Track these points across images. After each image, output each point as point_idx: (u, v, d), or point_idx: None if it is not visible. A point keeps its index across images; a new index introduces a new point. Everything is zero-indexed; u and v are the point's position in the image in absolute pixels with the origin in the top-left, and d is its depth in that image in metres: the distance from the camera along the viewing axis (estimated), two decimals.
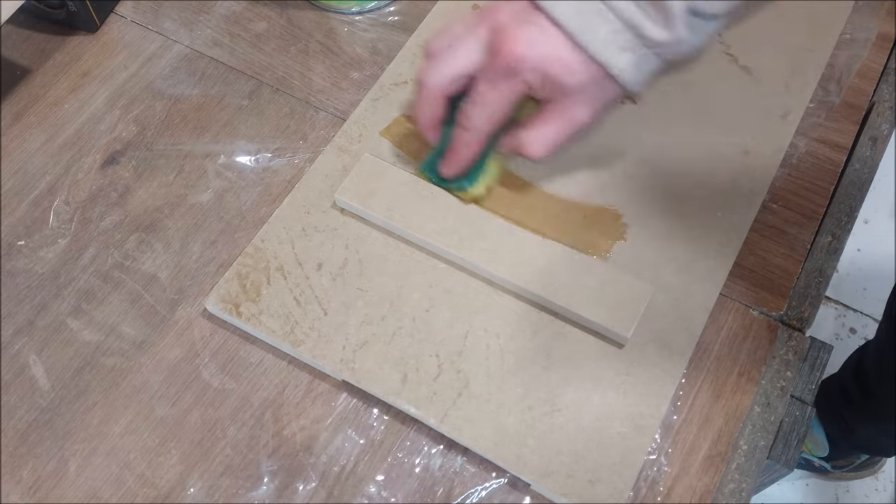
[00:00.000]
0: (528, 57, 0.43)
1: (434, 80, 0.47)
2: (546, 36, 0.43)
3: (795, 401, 0.50)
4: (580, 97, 0.45)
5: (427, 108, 0.49)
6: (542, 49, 0.43)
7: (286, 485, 0.46)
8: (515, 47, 0.43)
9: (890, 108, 0.59)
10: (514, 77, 0.44)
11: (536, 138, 0.47)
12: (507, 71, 0.44)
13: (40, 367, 0.49)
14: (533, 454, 0.45)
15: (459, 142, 0.48)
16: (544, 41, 0.43)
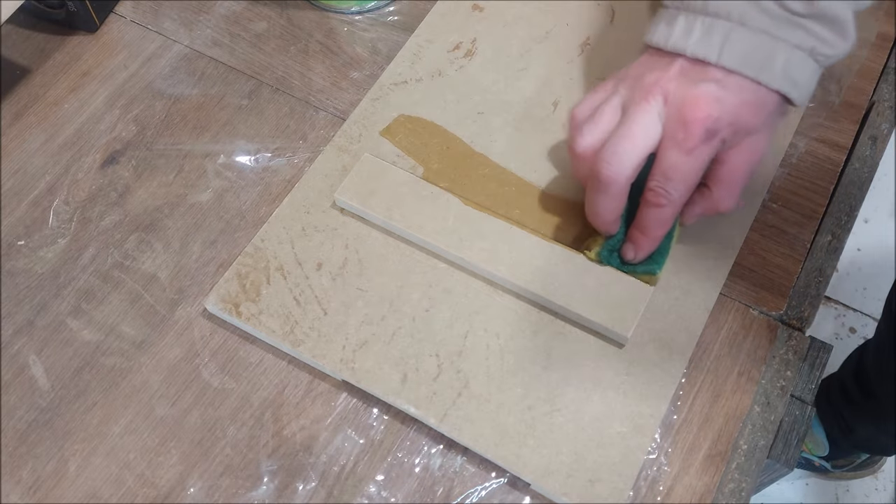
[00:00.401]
0: (722, 115, 0.43)
1: (617, 171, 0.45)
2: (727, 89, 0.43)
3: (795, 400, 0.50)
4: (764, 130, 0.46)
5: (613, 202, 0.47)
6: (730, 102, 0.43)
7: (286, 485, 0.46)
8: (707, 110, 0.43)
9: (890, 108, 0.59)
10: (712, 139, 0.44)
11: (729, 192, 0.47)
12: (704, 136, 0.43)
13: (40, 366, 0.49)
14: (533, 454, 0.45)
15: (654, 221, 0.47)
16: (728, 94, 0.43)
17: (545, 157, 0.55)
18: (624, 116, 0.46)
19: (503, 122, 0.56)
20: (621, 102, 0.47)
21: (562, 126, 0.56)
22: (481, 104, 0.57)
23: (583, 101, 0.49)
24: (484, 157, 0.55)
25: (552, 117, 0.57)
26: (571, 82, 0.58)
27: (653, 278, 0.49)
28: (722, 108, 0.43)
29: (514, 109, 0.57)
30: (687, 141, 0.44)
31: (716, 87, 0.43)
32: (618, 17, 0.61)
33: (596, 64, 0.59)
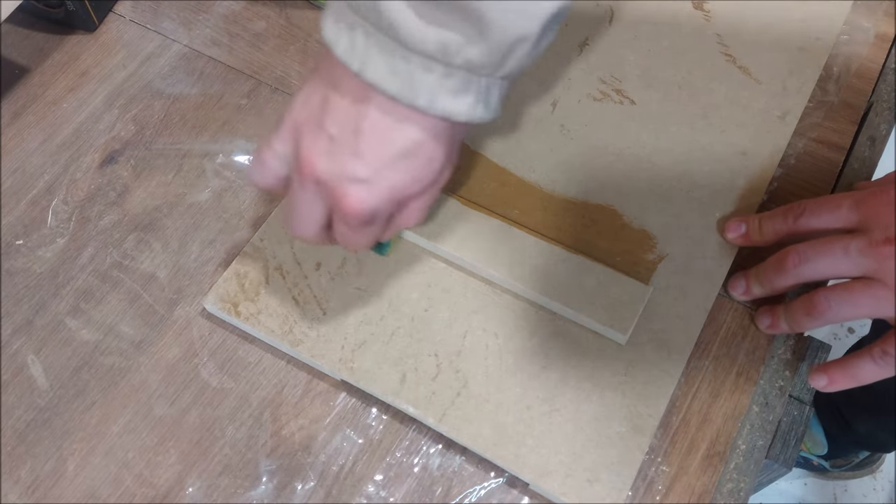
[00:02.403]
0: (378, 204, 0.39)
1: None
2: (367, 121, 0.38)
3: (794, 400, 0.50)
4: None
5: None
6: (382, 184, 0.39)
7: (285, 484, 0.46)
8: (315, 165, 0.39)
9: (888, 108, 0.59)
10: (373, 223, 0.41)
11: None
12: (364, 224, 0.41)
13: (39, 366, 0.49)
14: (531, 453, 0.45)
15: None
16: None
17: (544, 157, 0.55)
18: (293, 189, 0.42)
19: (502, 122, 0.56)
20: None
21: (560, 126, 0.56)
22: None
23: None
24: (483, 157, 0.55)
25: (551, 117, 0.57)
26: (570, 82, 0.58)
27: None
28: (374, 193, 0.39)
29: (513, 109, 0.57)
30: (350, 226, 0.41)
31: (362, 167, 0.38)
32: (617, 17, 0.61)
33: (595, 64, 0.59)
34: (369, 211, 0.39)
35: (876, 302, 0.43)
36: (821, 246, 0.45)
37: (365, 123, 0.38)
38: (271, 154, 0.41)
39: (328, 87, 0.39)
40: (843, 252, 0.44)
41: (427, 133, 0.38)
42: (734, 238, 0.51)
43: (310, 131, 0.39)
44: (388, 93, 0.36)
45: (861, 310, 0.44)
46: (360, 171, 0.38)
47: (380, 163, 0.38)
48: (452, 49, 0.35)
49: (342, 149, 0.38)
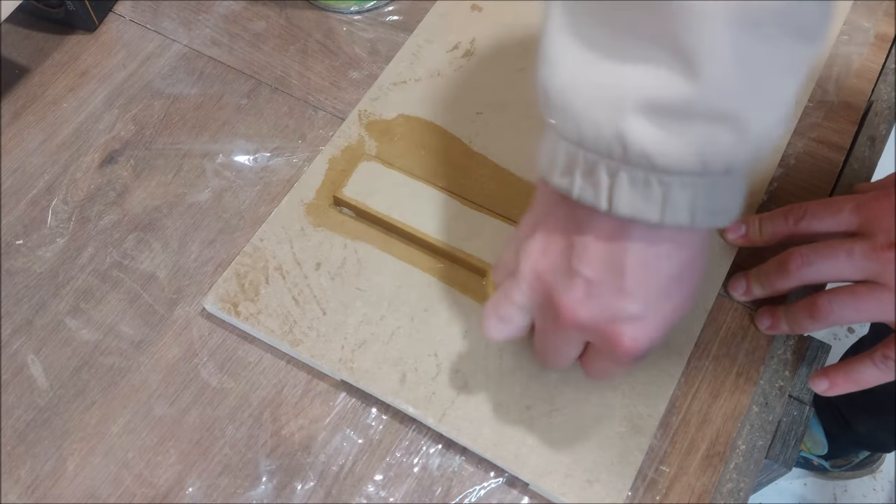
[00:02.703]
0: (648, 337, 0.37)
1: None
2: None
3: (794, 400, 0.50)
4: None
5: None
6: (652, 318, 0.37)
7: (284, 484, 0.46)
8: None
9: (888, 108, 0.59)
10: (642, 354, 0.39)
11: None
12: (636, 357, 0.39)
13: (38, 366, 0.49)
14: (531, 454, 0.45)
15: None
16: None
17: None
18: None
19: (502, 122, 0.56)
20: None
21: None
22: (480, 104, 0.57)
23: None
24: (483, 157, 0.55)
25: None
26: None
27: None
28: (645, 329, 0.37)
29: (513, 109, 0.57)
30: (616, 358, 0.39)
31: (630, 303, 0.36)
32: None
33: None
34: (647, 347, 0.37)
35: (879, 306, 0.43)
36: (824, 249, 0.45)
37: (626, 257, 0.35)
38: (514, 309, 0.39)
39: (569, 229, 0.36)
40: (846, 256, 0.44)
41: (693, 250, 0.36)
42: (734, 239, 0.51)
43: (562, 279, 0.37)
44: (648, 222, 0.34)
45: (864, 313, 0.44)
46: (632, 308, 0.36)
47: (651, 296, 0.36)
48: (714, 158, 0.32)
49: (605, 290, 0.36)
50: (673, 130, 0.32)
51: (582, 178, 0.34)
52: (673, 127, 0.32)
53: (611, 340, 0.37)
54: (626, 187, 0.33)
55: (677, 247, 0.36)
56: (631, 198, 0.33)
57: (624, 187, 0.33)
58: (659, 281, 0.36)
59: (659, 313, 0.37)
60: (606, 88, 0.32)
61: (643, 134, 0.32)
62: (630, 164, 0.33)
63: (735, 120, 0.31)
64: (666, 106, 0.31)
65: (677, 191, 0.33)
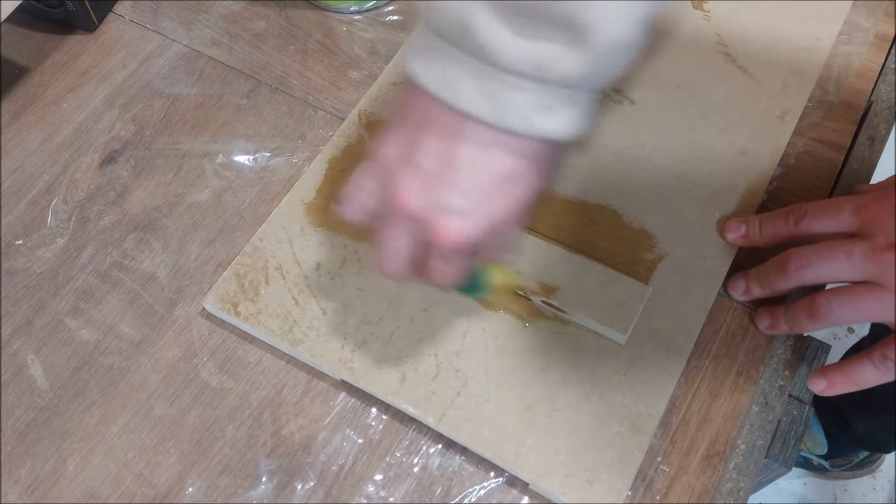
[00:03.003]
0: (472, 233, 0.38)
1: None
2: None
3: (794, 400, 0.50)
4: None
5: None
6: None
7: (284, 484, 0.46)
8: (408, 199, 0.38)
9: (888, 108, 0.59)
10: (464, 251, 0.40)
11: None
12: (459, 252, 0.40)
13: (38, 366, 0.49)
14: (531, 453, 0.45)
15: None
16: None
17: None
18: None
19: None
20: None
21: None
22: None
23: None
24: None
25: None
26: None
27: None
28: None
29: None
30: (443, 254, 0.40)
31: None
32: None
33: None
34: (466, 241, 0.38)
35: (878, 306, 0.43)
36: (823, 250, 0.45)
37: (459, 154, 0.37)
38: (360, 190, 0.41)
39: (417, 123, 0.38)
40: (845, 257, 0.44)
41: (524, 158, 0.37)
42: (734, 239, 0.51)
43: (401, 168, 0.38)
44: (480, 118, 0.35)
45: (863, 314, 0.44)
46: (457, 201, 0.37)
47: (477, 192, 0.37)
48: (548, 64, 0.34)
49: (437, 183, 0.37)
50: (514, 28, 0.33)
51: (432, 66, 0.36)
52: (515, 24, 0.33)
53: (434, 231, 0.38)
54: (467, 80, 0.35)
55: (510, 152, 0.37)
56: (470, 92, 0.35)
57: (466, 79, 0.35)
58: (487, 180, 0.37)
59: (482, 211, 0.38)
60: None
61: (487, 27, 0.33)
62: (475, 57, 0.34)
63: (574, 28, 0.33)
64: (509, 2, 0.33)
65: (514, 93, 0.35)
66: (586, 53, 0.34)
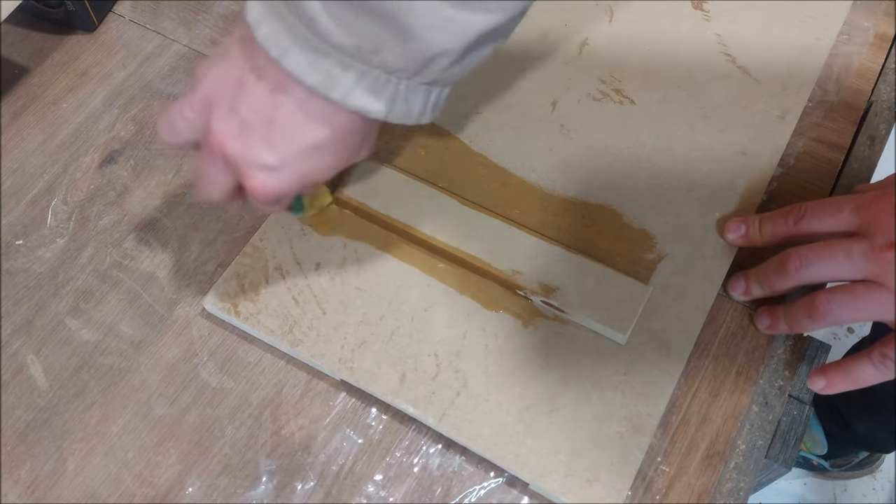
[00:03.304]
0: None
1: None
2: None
3: (794, 400, 0.50)
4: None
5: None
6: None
7: (284, 484, 0.46)
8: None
9: (888, 108, 0.59)
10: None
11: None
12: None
13: (38, 366, 0.49)
14: (531, 453, 0.45)
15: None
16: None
17: (544, 157, 0.55)
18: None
19: (502, 122, 0.56)
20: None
21: (560, 126, 0.56)
22: (480, 104, 0.57)
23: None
24: (483, 157, 0.55)
25: (550, 117, 0.57)
26: (570, 82, 0.58)
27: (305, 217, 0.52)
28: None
29: (513, 109, 0.57)
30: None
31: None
32: (616, 17, 0.61)
33: (594, 64, 0.59)
34: (274, 196, 0.40)
35: (878, 305, 0.43)
36: (823, 249, 0.45)
37: (279, 114, 0.38)
38: (181, 118, 0.41)
39: (246, 67, 0.39)
40: (845, 256, 0.44)
41: (340, 130, 0.39)
42: (734, 239, 0.51)
43: (222, 110, 0.39)
44: (304, 84, 0.37)
45: (863, 313, 0.44)
46: (269, 159, 0.39)
47: (289, 154, 0.39)
48: (367, 50, 0.35)
49: (253, 135, 0.39)
50: (337, 14, 0.35)
51: (269, 23, 0.37)
52: (338, 13, 0.35)
53: (245, 181, 0.40)
54: (296, 46, 0.36)
55: (327, 123, 0.38)
56: (299, 57, 0.36)
57: (295, 45, 0.36)
58: (301, 144, 0.39)
59: (292, 171, 0.40)
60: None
61: (313, 6, 0.35)
62: (303, 24, 0.35)
63: (399, 29, 0.34)
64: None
65: (336, 68, 0.36)
66: (404, 53, 0.35)
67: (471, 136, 0.56)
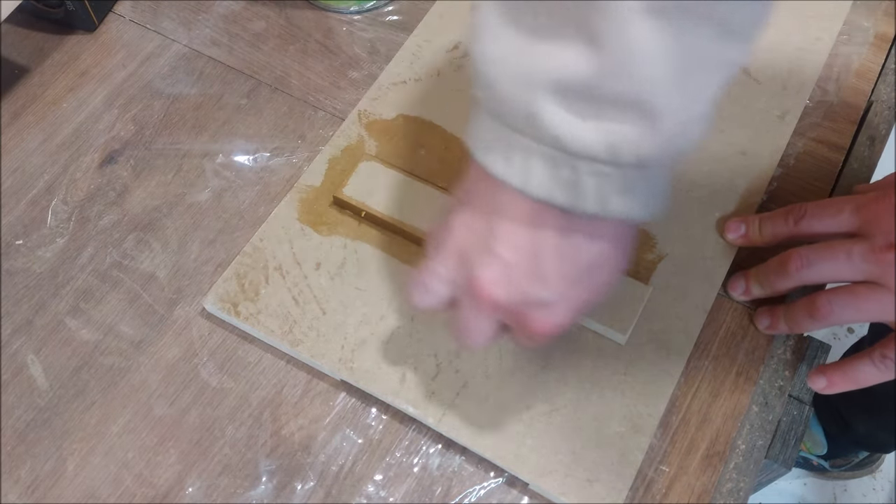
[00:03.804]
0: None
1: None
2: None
3: (793, 400, 0.50)
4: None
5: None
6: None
7: (284, 484, 0.46)
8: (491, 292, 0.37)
9: (888, 108, 0.59)
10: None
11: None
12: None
13: (38, 366, 0.49)
14: (531, 453, 0.45)
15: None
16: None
17: None
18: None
19: None
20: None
21: None
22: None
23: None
24: None
25: None
26: None
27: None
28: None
29: None
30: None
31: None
32: None
33: None
34: (557, 330, 0.38)
35: (879, 306, 0.43)
36: (824, 250, 0.45)
37: (540, 243, 0.36)
38: (435, 279, 0.40)
39: (491, 209, 0.37)
40: (846, 257, 0.44)
41: (608, 242, 0.37)
42: (734, 239, 0.51)
43: (480, 258, 0.37)
44: (555, 204, 0.34)
45: (864, 314, 0.44)
46: (544, 295, 0.37)
47: (564, 284, 0.37)
48: (620, 146, 0.32)
49: (521, 275, 0.36)
50: (581, 113, 0.32)
51: (501, 155, 0.35)
52: (581, 110, 0.32)
53: (524, 323, 0.38)
54: (539, 168, 0.33)
55: (589, 237, 0.36)
56: (543, 179, 0.34)
57: (537, 168, 0.34)
58: (572, 270, 0.36)
59: (570, 301, 0.37)
60: (524, 66, 0.32)
61: (553, 114, 0.32)
62: (543, 143, 0.33)
63: (642, 109, 0.31)
64: (573, 86, 0.31)
65: (586, 177, 0.33)
66: (658, 133, 0.32)
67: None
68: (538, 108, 0.32)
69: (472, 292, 0.38)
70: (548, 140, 0.33)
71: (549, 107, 0.32)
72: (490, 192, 0.36)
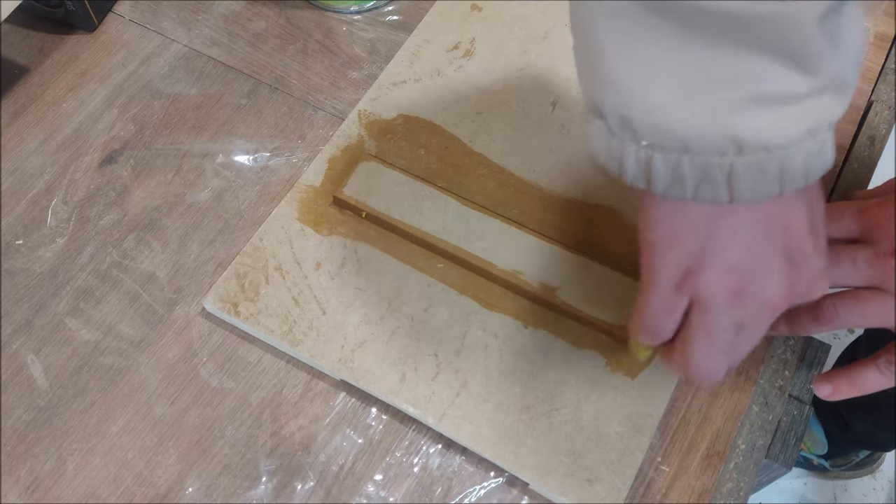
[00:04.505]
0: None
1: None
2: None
3: (794, 400, 0.50)
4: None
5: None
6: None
7: (284, 484, 0.46)
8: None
9: (888, 108, 0.59)
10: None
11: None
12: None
13: (38, 366, 0.49)
14: (531, 453, 0.45)
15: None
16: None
17: (544, 157, 0.55)
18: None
19: (502, 122, 0.56)
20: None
21: (560, 126, 0.56)
22: (480, 104, 0.57)
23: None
24: (483, 157, 0.55)
25: (550, 117, 0.57)
26: (569, 82, 0.58)
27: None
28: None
29: (513, 109, 0.57)
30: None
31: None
32: None
33: None
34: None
35: (883, 311, 0.43)
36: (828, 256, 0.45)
37: (791, 224, 0.37)
38: (662, 314, 0.39)
39: (694, 237, 0.37)
40: (850, 263, 0.44)
41: (812, 189, 0.38)
42: None
43: (758, 277, 0.37)
44: (769, 196, 0.35)
45: (868, 319, 0.44)
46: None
47: (815, 240, 0.38)
48: (822, 123, 0.35)
49: (801, 259, 0.38)
50: (786, 114, 0.34)
51: (695, 181, 0.35)
52: (786, 111, 0.34)
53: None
54: (743, 176, 0.35)
55: (805, 197, 0.38)
56: (750, 183, 0.35)
57: (741, 177, 0.35)
58: (813, 230, 0.38)
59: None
60: (707, 101, 0.33)
61: (757, 126, 0.33)
62: (745, 154, 0.34)
63: (842, 88, 0.35)
64: (781, 97, 0.33)
65: (792, 160, 0.35)
66: (847, 97, 0.36)
67: (471, 136, 0.56)
68: (739, 129, 0.34)
69: (757, 311, 0.38)
70: (752, 150, 0.34)
71: (751, 123, 0.34)
72: (686, 219, 0.37)
